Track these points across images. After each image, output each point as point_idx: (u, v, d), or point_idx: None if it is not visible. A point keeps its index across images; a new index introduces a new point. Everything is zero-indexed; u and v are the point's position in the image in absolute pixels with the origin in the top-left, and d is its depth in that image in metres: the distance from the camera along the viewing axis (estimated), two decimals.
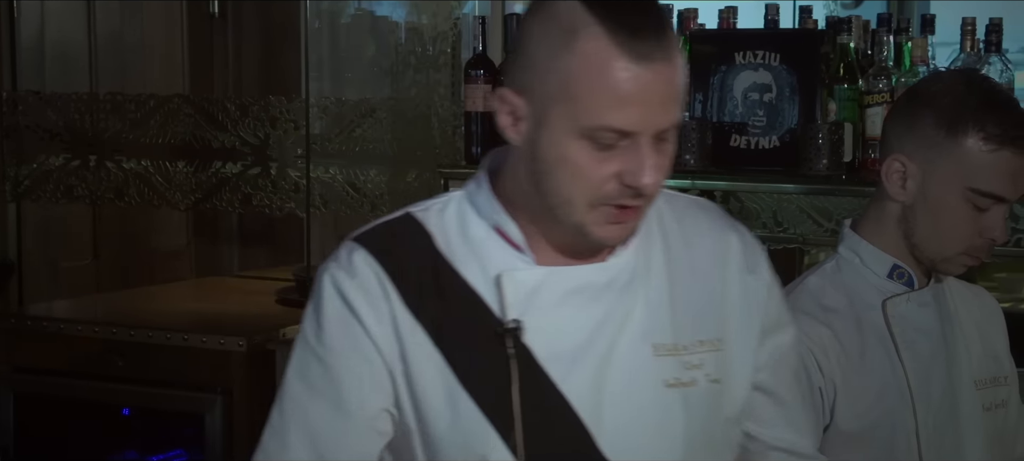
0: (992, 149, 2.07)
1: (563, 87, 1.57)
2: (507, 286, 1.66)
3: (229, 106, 4.19)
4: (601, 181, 1.58)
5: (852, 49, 3.14)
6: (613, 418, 1.67)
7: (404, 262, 1.69)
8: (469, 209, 1.72)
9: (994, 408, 2.27)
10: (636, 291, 1.70)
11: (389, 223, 1.74)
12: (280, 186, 4.09)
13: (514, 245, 1.68)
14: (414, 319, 1.67)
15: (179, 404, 3.59)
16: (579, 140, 1.57)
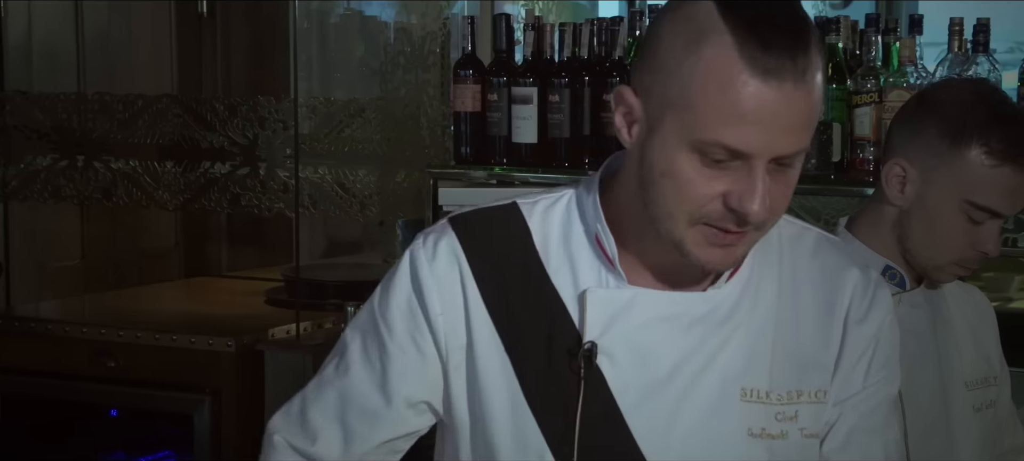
0: (994, 164, 2.07)
1: (682, 93, 1.46)
2: (591, 303, 1.57)
3: (218, 106, 4.18)
4: (706, 199, 1.47)
5: (840, 49, 3.14)
6: (677, 456, 1.57)
7: (493, 254, 1.61)
8: (575, 212, 1.62)
9: (984, 408, 2.27)
10: (734, 328, 1.59)
11: (491, 210, 1.65)
12: (269, 186, 4.09)
13: (608, 258, 1.58)
14: (488, 314, 1.60)
15: (167, 405, 3.59)
16: (690, 152, 1.46)
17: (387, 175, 3.85)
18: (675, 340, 1.57)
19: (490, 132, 3.44)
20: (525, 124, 3.37)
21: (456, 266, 1.60)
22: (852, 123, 3.06)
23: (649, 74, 1.50)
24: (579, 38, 3.35)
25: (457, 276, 1.60)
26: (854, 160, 3.07)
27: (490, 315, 1.60)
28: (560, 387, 1.57)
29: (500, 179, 3.41)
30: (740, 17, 1.44)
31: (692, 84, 1.45)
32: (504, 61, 3.44)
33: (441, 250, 1.61)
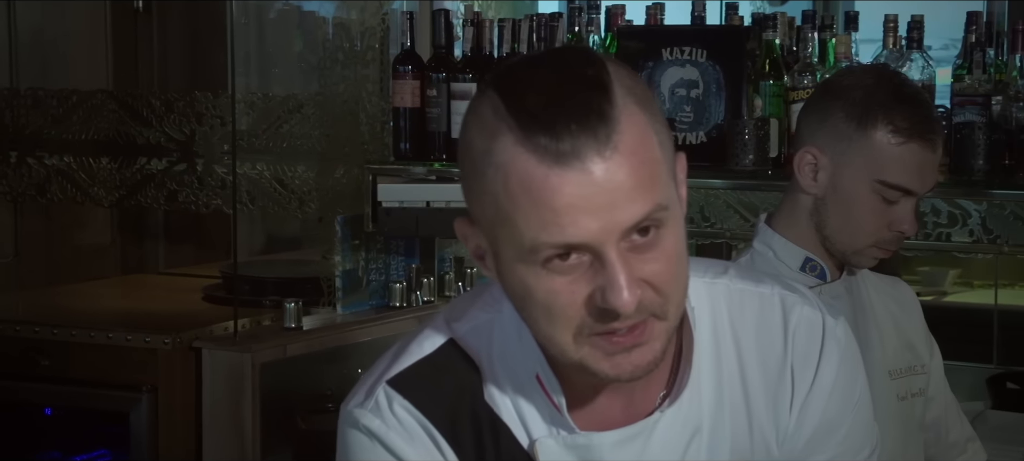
0: (900, 142, 2.11)
1: (497, 209, 1.29)
2: (542, 455, 1.40)
3: (154, 102, 4.15)
4: (574, 309, 1.29)
5: (777, 45, 3.17)
6: None
7: (451, 407, 1.42)
8: (508, 341, 1.42)
9: (910, 397, 2.30)
10: (690, 440, 1.43)
11: (429, 359, 1.44)
12: (206, 182, 4.06)
13: (554, 405, 1.40)
14: None
15: (103, 403, 3.55)
16: (531, 267, 1.28)
17: (326, 171, 3.83)
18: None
19: (429, 128, 3.44)
20: None
21: (422, 431, 1.42)
22: (789, 119, 3.09)
23: (472, 198, 1.34)
24: (518, 34, 3.35)
25: (429, 440, 1.42)
26: (791, 156, 3.09)
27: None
28: None
29: (439, 175, 3.41)
30: (521, 105, 1.26)
31: (501, 196, 1.28)
32: (443, 57, 3.44)
33: (401, 417, 1.41)
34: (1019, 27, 3.03)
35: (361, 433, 1.42)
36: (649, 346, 1.32)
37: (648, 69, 3.24)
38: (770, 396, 1.47)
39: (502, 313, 1.43)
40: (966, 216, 3.32)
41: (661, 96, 3.24)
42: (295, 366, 3.47)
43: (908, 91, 2.18)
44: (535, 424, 1.41)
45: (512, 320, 1.41)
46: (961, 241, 3.32)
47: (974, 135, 2.94)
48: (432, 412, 1.42)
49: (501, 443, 1.42)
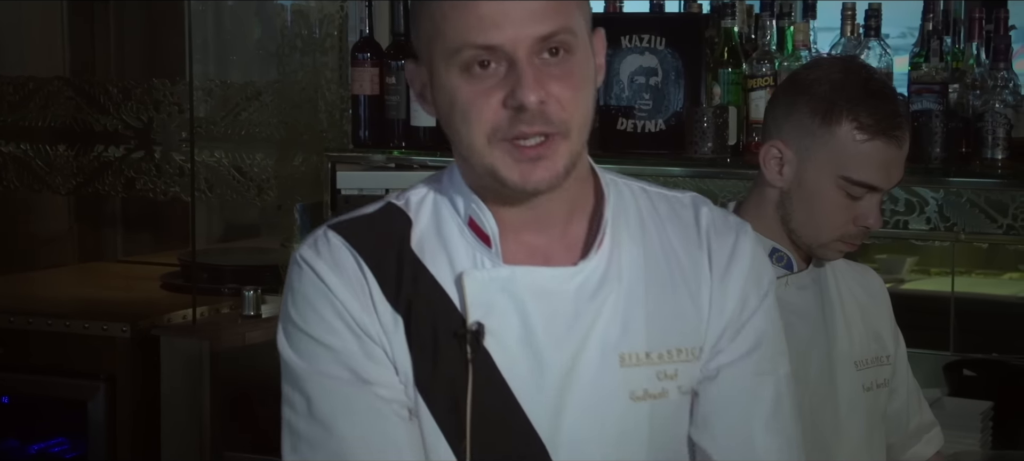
0: (865, 139, 2.10)
1: (432, 25, 1.53)
2: (469, 285, 1.57)
3: (111, 89, 4.13)
4: (491, 111, 1.51)
5: (736, 33, 3.18)
6: (571, 433, 1.58)
7: (379, 252, 1.60)
8: (444, 201, 1.63)
9: (875, 388, 2.30)
10: (606, 296, 1.60)
11: (368, 214, 1.65)
12: (164, 170, 4.04)
13: (484, 239, 1.59)
14: (393, 310, 1.59)
15: (61, 391, 3.54)
16: (459, 74, 1.52)
17: (285, 159, 3.82)
18: (554, 315, 1.58)
19: (388, 115, 3.43)
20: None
21: (354, 263, 1.60)
22: (748, 107, 3.10)
23: (416, 34, 1.59)
24: None
25: (359, 273, 1.59)
26: (750, 144, 3.11)
27: (394, 308, 1.58)
28: (453, 374, 1.57)
29: (398, 163, 3.40)
30: None
31: (436, 13, 1.52)
32: (402, 44, 3.43)
33: (336, 250, 1.60)
34: (976, 15, 3.05)
35: (296, 264, 1.62)
36: (552, 161, 1.53)
37: (607, 57, 3.24)
38: (687, 278, 1.64)
39: (441, 182, 1.64)
40: (923, 204, 3.34)
41: (620, 84, 3.24)
42: (254, 354, 3.46)
43: (875, 86, 2.15)
44: (460, 261, 1.59)
45: (449, 186, 1.63)
46: (918, 229, 3.34)
47: (931, 123, 2.95)
48: (361, 247, 1.60)
49: (420, 283, 1.59)
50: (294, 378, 1.62)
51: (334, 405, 1.58)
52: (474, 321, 1.57)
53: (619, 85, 3.24)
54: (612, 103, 3.24)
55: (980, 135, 2.96)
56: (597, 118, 3.22)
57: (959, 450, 2.84)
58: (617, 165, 3.42)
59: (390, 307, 1.58)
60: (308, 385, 1.60)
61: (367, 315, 1.58)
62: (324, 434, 1.59)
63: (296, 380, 1.61)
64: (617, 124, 3.24)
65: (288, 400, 1.63)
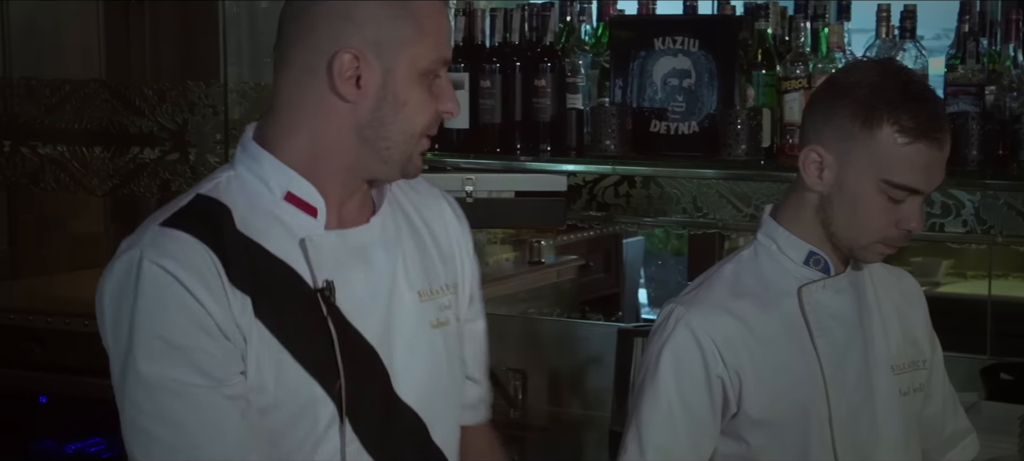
0: (906, 142, 2.08)
1: (410, 30, 1.79)
2: (312, 251, 1.78)
3: (146, 91, 4.15)
4: (431, 114, 1.81)
5: (770, 35, 3.17)
6: (401, 359, 1.85)
7: (219, 240, 1.74)
8: (253, 180, 1.80)
9: (912, 392, 2.29)
10: (397, 247, 1.87)
11: (190, 206, 1.78)
12: (199, 172, 4.06)
13: (308, 210, 1.80)
14: (242, 293, 1.73)
15: (97, 391, 3.52)
16: (418, 83, 1.79)
17: None
18: (370, 266, 1.83)
19: None
20: None
21: (206, 256, 1.72)
22: (781, 109, 3.09)
23: (369, 32, 1.78)
24: (510, 23, 3.35)
25: (211, 265, 1.72)
26: (783, 146, 3.10)
27: (242, 291, 1.73)
28: (313, 330, 1.77)
29: (432, 165, 3.41)
30: None
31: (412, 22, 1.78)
32: None
33: (185, 247, 1.72)
34: (1012, 16, 3.03)
35: (142, 265, 1.71)
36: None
37: (640, 59, 3.24)
38: (435, 250, 1.95)
39: (235, 168, 1.82)
40: (960, 206, 3.32)
41: (653, 86, 3.24)
42: None
43: (915, 89, 2.14)
44: (293, 231, 1.78)
45: (247, 171, 1.80)
46: (955, 231, 3.33)
47: (968, 125, 2.93)
48: (207, 239, 1.73)
49: (257, 259, 1.75)
50: (142, 381, 1.72)
51: (184, 407, 1.71)
52: (324, 280, 1.78)
53: (652, 87, 3.24)
54: (645, 105, 3.23)
55: (1017, 137, 2.94)
56: (630, 120, 3.22)
57: (996, 455, 2.82)
58: (650, 167, 3.42)
59: (238, 290, 1.72)
60: (158, 389, 1.72)
61: (221, 307, 1.71)
62: (174, 434, 1.72)
63: (145, 383, 1.72)
64: (650, 126, 3.23)
65: (134, 402, 1.74)
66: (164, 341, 1.70)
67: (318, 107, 1.79)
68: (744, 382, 2.16)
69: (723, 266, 2.26)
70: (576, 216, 3.72)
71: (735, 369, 2.16)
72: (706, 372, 2.15)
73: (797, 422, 2.18)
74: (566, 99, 3.30)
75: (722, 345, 2.15)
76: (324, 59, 1.77)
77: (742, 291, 2.20)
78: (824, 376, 2.18)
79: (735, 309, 2.18)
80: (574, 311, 4.15)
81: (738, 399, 2.17)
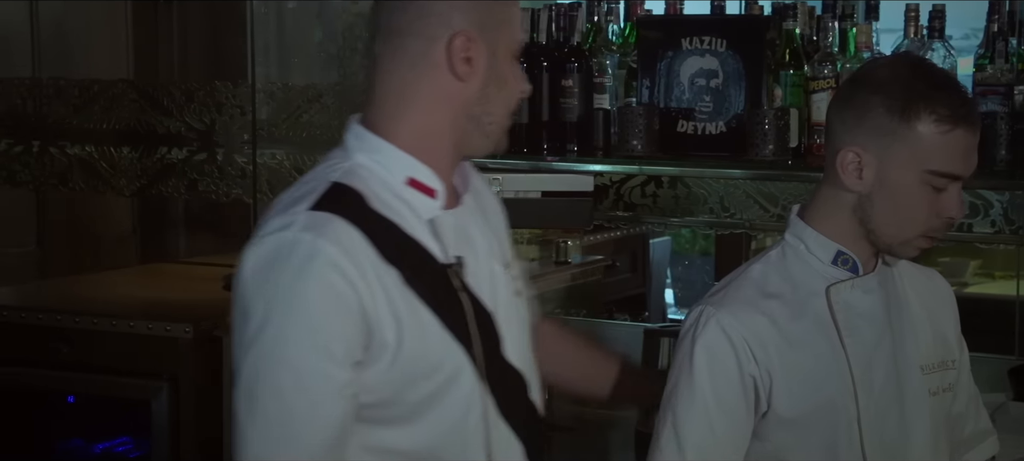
0: (945, 130, 2.09)
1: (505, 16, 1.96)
2: (441, 229, 1.93)
3: (174, 91, 4.17)
4: (520, 92, 2.00)
5: (797, 35, 3.16)
6: (505, 326, 2.00)
7: (364, 221, 1.85)
8: (375, 167, 1.91)
9: (941, 392, 2.28)
10: (483, 225, 2.03)
11: (330, 191, 1.87)
12: (226, 172, 4.07)
13: (428, 191, 1.92)
14: (391, 267, 1.85)
15: (125, 391, 3.57)
16: (513, 61, 1.96)
17: None
18: (475, 241, 1.99)
19: None
20: None
21: (358, 237, 1.83)
22: (809, 108, 3.08)
23: (482, 16, 1.93)
24: (537, 23, 3.35)
25: (362, 245, 1.83)
26: (811, 146, 3.09)
27: (389, 264, 1.85)
28: (449, 300, 1.91)
29: None
30: None
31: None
32: None
33: (339, 230, 1.82)
34: None
35: (303, 245, 1.80)
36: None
37: (668, 58, 3.24)
38: (496, 229, 2.11)
39: (352, 159, 1.92)
40: (988, 206, 3.31)
41: (681, 85, 3.23)
42: None
43: (941, 77, 2.16)
44: (420, 212, 1.91)
45: (367, 159, 1.92)
46: (983, 231, 3.31)
47: (996, 125, 2.92)
48: (355, 220, 1.84)
49: (396, 238, 1.88)
50: (267, 353, 1.81)
51: (297, 388, 1.81)
52: (454, 256, 1.92)
53: (679, 87, 3.23)
54: (672, 105, 3.23)
55: None
56: (657, 120, 3.22)
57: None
58: (677, 167, 3.42)
59: (389, 265, 1.85)
60: (281, 364, 1.81)
61: (370, 287, 1.83)
62: (281, 409, 1.82)
63: (270, 356, 1.81)
64: (677, 126, 3.23)
65: (254, 369, 1.82)
66: (300, 320, 1.80)
67: (431, 90, 1.92)
68: (775, 381, 2.16)
69: (751, 266, 2.26)
70: (603, 216, 3.72)
71: (766, 368, 2.15)
72: (740, 371, 2.15)
73: (825, 422, 2.17)
74: (593, 99, 3.30)
75: (753, 344, 2.15)
76: (438, 44, 1.90)
77: (770, 291, 2.20)
78: (853, 376, 2.18)
79: (765, 309, 2.18)
80: (600, 311, 4.14)
81: (768, 398, 2.16)
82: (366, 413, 1.88)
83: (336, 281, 1.80)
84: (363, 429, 1.89)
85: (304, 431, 1.82)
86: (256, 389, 1.82)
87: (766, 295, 2.20)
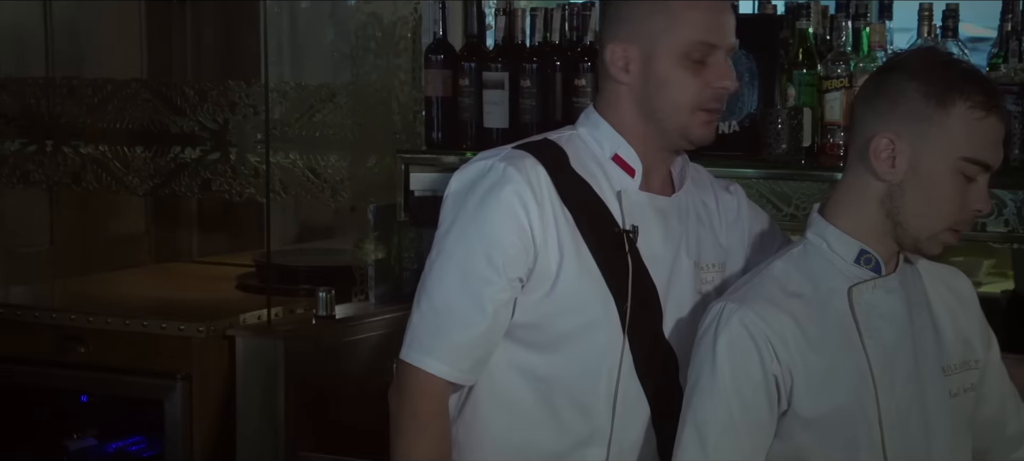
0: (981, 116, 2.10)
1: (661, 18, 2.21)
2: (625, 201, 2.23)
3: (187, 91, 4.17)
4: (698, 91, 2.21)
5: (811, 34, 3.15)
6: (672, 308, 2.26)
7: (557, 169, 2.20)
8: (591, 140, 2.27)
9: (963, 393, 2.27)
10: (687, 222, 2.30)
11: (539, 142, 2.26)
12: (239, 171, 4.07)
13: (628, 169, 2.25)
14: (568, 210, 2.19)
15: (138, 390, 3.58)
16: (679, 64, 2.22)
17: (358, 160, 3.84)
18: (667, 228, 2.27)
19: (461, 117, 3.44)
20: (496, 109, 3.37)
21: (543, 177, 2.18)
22: (822, 108, 3.07)
23: (635, 25, 2.24)
24: (550, 23, 3.35)
25: (544, 185, 2.18)
26: (824, 145, 3.09)
27: (567, 207, 2.19)
28: (617, 258, 2.21)
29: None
30: None
31: (681, 13, 2.23)
32: (475, 46, 3.44)
33: (529, 168, 2.18)
34: None
35: (505, 176, 2.17)
36: (716, 124, 2.29)
37: None
38: (711, 213, 2.40)
39: (577, 129, 2.31)
40: (1002, 206, 3.29)
41: None
42: (328, 355, 3.48)
43: (968, 67, 2.22)
44: (613, 183, 2.24)
45: (587, 132, 2.28)
46: (997, 231, 3.30)
47: (1010, 124, 2.91)
48: (548, 165, 2.20)
49: (584, 194, 2.22)
50: (445, 252, 2.20)
51: (461, 288, 2.17)
52: (631, 225, 2.22)
53: None
54: None
55: None
56: None
57: None
58: None
59: (567, 208, 2.19)
60: (451, 261, 2.18)
61: (543, 217, 2.17)
62: (442, 304, 2.20)
63: (446, 254, 2.19)
64: None
65: (431, 265, 2.20)
66: (478, 228, 2.16)
67: (612, 90, 2.28)
68: (795, 380, 2.15)
69: (772, 263, 2.25)
70: None
71: (788, 366, 2.15)
72: (763, 369, 2.14)
73: (846, 423, 2.16)
74: None
75: (776, 341, 2.14)
76: (603, 52, 2.26)
77: (792, 290, 2.19)
78: (873, 377, 2.16)
79: (787, 307, 2.17)
80: None
81: (789, 397, 2.16)
82: (517, 333, 2.21)
83: (516, 205, 2.15)
84: (512, 347, 2.22)
85: (457, 323, 2.17)
86: (428, 281, 2.20)
87: (788, 293, 2.19)
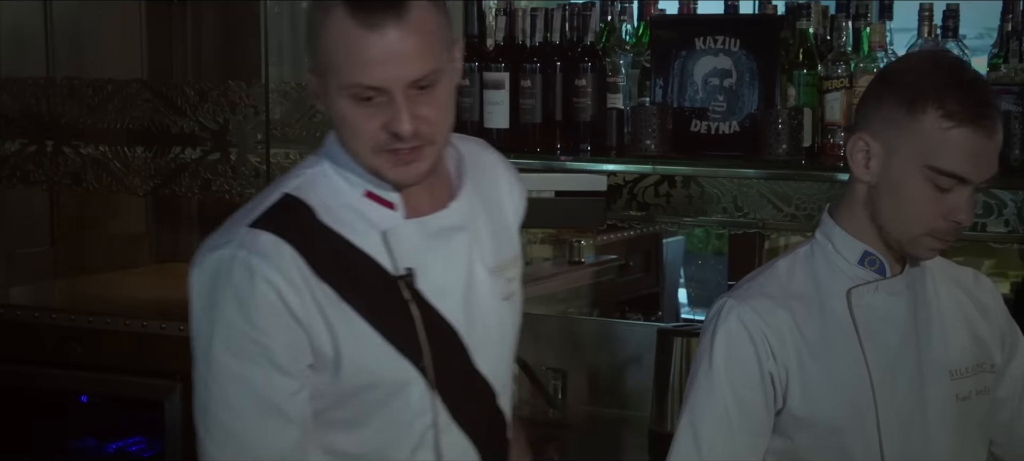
0: (950, 126, 2.05)
1: (327, 58, 1.87)
2: (393, 241, 1.96)
3: (188, 91, 4.17)
4: (373, 132, 1.88)
5: (811, 34, 3.15)
6: (478, 335, 2.03)
7: (303, 237, 1.92)
8: (338, 179, 1.98)
9: (974, 396, 2.24)
10: (474, 228, 2.04)
11: (276, 206, 1.95)
12: (240, 171, 4.07)
13: (387, 204, 1.97)
14: (325, 283, 1.91)
15: (138, 391, 3.58)
16: (347, 100, 1.88)
17: None
18: (448, 249, 2.01)
19: (462, 117, 3.43)
20: (497, 109, 3.37)
21: (289, 256, 1.90)
22: (823, 108, 3.07)
23: (314, 55, 1.91)
24: (551, 23, 3.35)
25: (293, 264, 1.90)
26: (825, 145, 3.09)
27: (325, 282, 1.91)
28: (398, 312, 1.95)
29: None
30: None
31: (331, 50, 1.86)
32: (476, 46, 3.43)
33: (269, 247, 1.90)
34: None
35: (243, 269, 1.89)
36: (421, 163, 1.92)
37: (681, 58, 3.23)
38: (503, 225, 2.14)
39: (322, 164, 2.00)
40: (1002, 206, 3.30)
41: (694, 85, 3.23)
42: None
43: (966, 76, 2.11)
44: (375, 224, 1.96)
45: (332, 167, 1.98)
46: (997, 231, 3.30)
47: (1010, 124, 2.91)
48: (291, 238, 1.90)
49: (341, 251, 1.93)
50: (216, 366, 1.93)
51: (248, 397, 1.91)
52: (404, 267, 1.96)
53: (693, 87, 3.23)
54: (686, 105, 3.22)
55: None
56: (671, 119, 3.21)
57: None
58: (690, 167, 3.41)
59: (323, 281, 1.91)
60: (228, 376, 1.92)
61: (302, 299, 1.90)
62: (234, 419, 1.93)
63: (219, 369, 1.92)
64: (691, 126, 3.22)
65: (206, 384, 1.94)
66: (243, 332, 1.89)
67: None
68: (791, 378, 2.15)
69: (778, 262, 2.25)
70: (616, 216, 3.72)
71: (784, 364, 2.14)
72: (759, 367, 2.14)
73: (842, 426, 2.16)
74: (606, 99, 3.30)
75: (773, 339, 2.14)
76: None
77: (795, 289, 2.19)
78: (872, 382, 2.16)
79: (787, 305, 2.17)
80: (614, 311, 4.14)
81: (784, 395, 2.15)
82: (320, 416, 1.98)
83: (273, 297, 1.88)
84: (319, 430, 1.98)
85: (264, 443, 1.93)
86: (212, 407, 1.94)
87: (790, 292, 2.18)
